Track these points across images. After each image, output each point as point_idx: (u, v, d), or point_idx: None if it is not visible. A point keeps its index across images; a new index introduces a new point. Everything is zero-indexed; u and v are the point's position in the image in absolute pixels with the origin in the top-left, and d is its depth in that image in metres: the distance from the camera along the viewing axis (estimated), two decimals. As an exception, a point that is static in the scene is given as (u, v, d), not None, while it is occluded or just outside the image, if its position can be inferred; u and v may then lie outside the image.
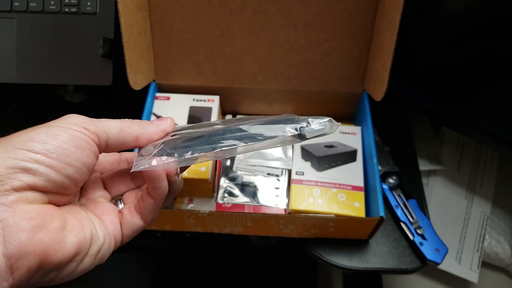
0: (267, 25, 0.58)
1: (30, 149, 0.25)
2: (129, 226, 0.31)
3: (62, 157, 0.26)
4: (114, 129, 0.30)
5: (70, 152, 0.26)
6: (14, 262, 0.23)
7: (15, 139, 0.25)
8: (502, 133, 0.57)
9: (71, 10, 0.63)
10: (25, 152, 0.24)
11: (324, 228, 0.54)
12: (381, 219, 0.50)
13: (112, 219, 0.31)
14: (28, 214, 0.24)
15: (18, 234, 0.23)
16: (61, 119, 0.28)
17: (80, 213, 0.29)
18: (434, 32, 0.58)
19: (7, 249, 0.22)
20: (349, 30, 0.58)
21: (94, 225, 0.29)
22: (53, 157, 0.25)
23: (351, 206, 0.53)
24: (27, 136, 0.25)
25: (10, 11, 0.64)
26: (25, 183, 0.24)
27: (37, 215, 0.24)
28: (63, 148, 0.26)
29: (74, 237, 0.26)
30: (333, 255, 0.56)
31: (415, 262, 0.56)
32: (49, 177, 0.25)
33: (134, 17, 0.54)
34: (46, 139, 0.26)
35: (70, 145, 0.26)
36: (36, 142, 0.25)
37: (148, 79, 0.61)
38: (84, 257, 0.27)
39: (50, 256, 0.24)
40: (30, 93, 0.68)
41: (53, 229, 0.25)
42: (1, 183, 0.23)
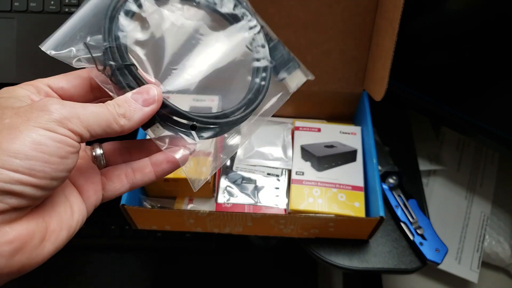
0: (267, 25, 0.58)
1: (14, 169, 0.23)
2: (113, 193, 0.32)
3: (48, 173, 0.24)
4: (99, 128, 0.27)
5: (56, 165, 0.25)
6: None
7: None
8: (502, 133, 0.57)
9: (71, 10, 0.63)
10: (9, 173, 0.23)
11: (324, 228, 0.54)
12: (381, 219, 0.50)
13: (95, 188, 0.31)
14: (8, 237, 0.24)
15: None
16: (41, 112, 0.25)
17: (60, 208, 0.28)
18: (434, 32, 0.58)
19: None
20: (349, 30, 0.58)
21: (73, 215, 0.28)
22: (39, 176, 0.24)
23: (351, 206, 0.53)
24: (9, 149, 0.23)
25: (10, 11, 0.64)
26: (9, 206, 0.23)
27: (18, 237, 0.24)
28: (49, 163, 0.24)
29: (51, 246, 0.26)
30: (333, 255, 0.56)
31: (415, 262, 0.56)
32: (35, 196, 0.24)
33: (134, 17, 0.54)
34: (30, 154, 0.23)
35: (57, 157, 0.25)
36: (19, 160, 0.23)
37: (148, 79, 0.61)
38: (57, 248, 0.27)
39: (25, 268, 0.25)
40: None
41: (32, 247, 0.25)
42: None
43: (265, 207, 0.55)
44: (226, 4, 0.34)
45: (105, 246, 0.72)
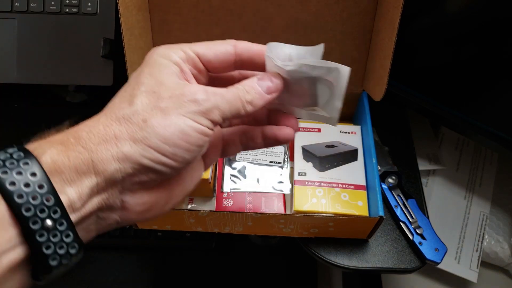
0: (267, 26, 0.58)
1: (162, 152, 0.27)
2: (228, 155, 0.36)
3: (186, 159, 0.28)
4: (230, 115, 0.29)
5: (194, 152, 0.28)
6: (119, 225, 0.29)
7: (149, 136, 0.26)
8: (501, 133, 0.57)
9: (72, 11, 0.63)
10: (157, 155, 0.26)
11: (323, 228, 0.54)
12: (381, 219, 0.50)
13: (216, 152, 0.35)
14: (142, 199, 0.28)
15: (131, 215, 0.28)
16: (190, 103, 0.27)
17: (185, 179, 0.31)
18: (434, 33, 0.58)
19: (120, 221, 0.29)
20: (349, 30, 0.58)
21: (192, 181, 0.32)
22: (178, 161, 0.27)
23: (354, 205, 0.53)
24: (163, 135, 0.26)
25: (10, 12, 0.64)
26: (149, 179, 0.27)
27: (148, 201, 0.29)
28: (189, 150, 0.28)
29: (170, 206, 0.31)
30: (333, 254, 0.56)
31: (414, 261, 0.56)
32: (171, 174, 0.28)
33: (134, 18, 0.55)
34: (177, 143, 0.27)
35: (196, 146, 0.28)
36: (168, 145, 0.26)
37: (149, 79, 0.61)
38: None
39: (148, 219, 0.31)
40: (30, 93, 0.68)
41: (157, 208, 0.30)
42: (132, 176, 0.27)
43: (269, 193, 0.56)
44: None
45: (106, 245, 0.72)
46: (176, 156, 0.27)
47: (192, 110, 0.27)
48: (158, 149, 0.26)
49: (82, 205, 0.25)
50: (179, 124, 0.27)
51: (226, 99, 0.29)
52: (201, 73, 0.32)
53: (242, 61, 0.32)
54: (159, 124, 0.26)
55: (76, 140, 0.26)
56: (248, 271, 0.93)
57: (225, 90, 0.29)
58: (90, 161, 0.25)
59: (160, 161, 0.27)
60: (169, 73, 0.29)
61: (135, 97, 0.27)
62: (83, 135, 0.26)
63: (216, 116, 0.28)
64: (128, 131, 0.26)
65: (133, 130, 0.26)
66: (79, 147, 0.26)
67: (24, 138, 0.28)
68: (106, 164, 0.26)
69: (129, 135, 0.26)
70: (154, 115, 0.27)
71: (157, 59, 0.29)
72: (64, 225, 0.24)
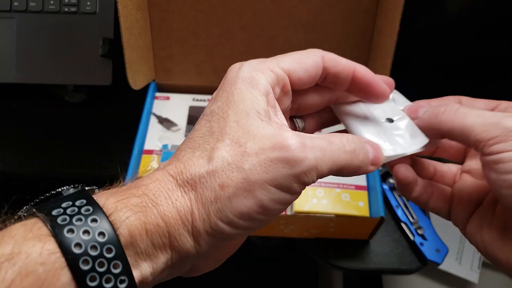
0: (267, 25, 0.58)
1: (235, 226, 0.23)
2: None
3: (259, 227, 0.24)
4: (329, 170, 0.24)
5: (269, 220, 0.24)
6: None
7: (223, 208, 0.23)
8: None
9: (71, 10, 0.63)
10: (230, 229, 0.23)
11: (324, 228, 0.54)
12: (382, 219, 0.50)
13: None
14: (212, 260, 0.27)
15: (200, 271, 0.27)
16: (281, 164, 0.22)
17: None
18: (434, 33, 0.58)
19: (185, 275, 0.27)
20: (350, 30, 0.57)
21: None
22: (251, 230, 0.24)
23: (355, 205, 0.53)
24: (236, 207, 0.23)
25: (9, 11, 0.63)
26: (222, 244, 0.25)
27: (217, 259, 0.28)
28: (265, 222, 0.24)
29: (232, 252, 0.29)
30: (333, 255, 0.56)
31: (415, 262, 0.56)
32: (240, 238, 0.27)
33: (134, 17, 0.54)
34: (253, 217, 0.23)
35: (272, 216, 0.24)
36: (242, 221, 0.23)
37: (148, 79, 0.61)
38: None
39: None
40: (29, 93, 0.68)
41: (222, 260, 0.28)
42: (206, 246, 0.24)
43: None
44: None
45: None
46: (249, 228, 0.23)
47: (282, 175, 0.22)
48: (231, 224, 0.23)
49: (153, 279, 0.23)
50: (259, 197, 0.22)
51: (328, 155, 0.23)
52: (286, 94, 0.27)
53: (327, 75, 0.27)
54: (236, 193, 0.22)
55: (155, 206, 0.22)
56: (248, 272, 0.93)
57: (327, 142, 0.23)
58: (167, 236, 0.22)
59: (232, 233, 0.23)
60: (256, 113, 0.24)
61: (216, 151, 0.23)
62: (161, 202, 0.22)
63: (312, 178, 0.23)
64: (202, 202, 0.23)
65: (207, 200, 0.22)
66: (158, 219, 0.22)
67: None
68: (182, 242, 0.23)
69: (202, 207, 0.23)
70: (234, 179, 0.22)
71: (242, 89, 0.24)
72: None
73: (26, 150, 0.63)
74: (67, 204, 0.21)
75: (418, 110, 0.28)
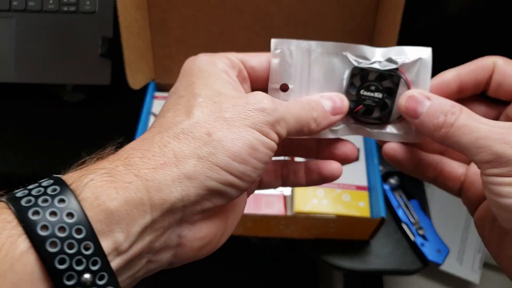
0: (267, 24, 0.58)
1: (230, 171, 0.23)
2: (266, 186, 0.31)
3: (253, 178, 0.24)
4: (294, 131, 0.26)
5: (260, 170, 0.24)
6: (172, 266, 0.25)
7: (216, 151, 0.22)
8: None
9: (70, 9, 0.63)
10: (225, 175, 0.23)
11: (324, 229, 0.53)
12: (382, 220, 0.49)
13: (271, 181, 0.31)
14: (201, 233, 0.24)
15: (187, 252, 0.24)
16: (257, 112, 0.24)
17: (239, 203, 0.28)
18: (435, 33, 0.57)
19: (174, 260, 0.24)
20: (350, 29, 0.57)
21: (243, 207, 0.29)
22: (246, 180, 0.23)
23: (356, 206, 0.53)
24: (231, 149, 0.23)
25: (8, 10, 0.63)
26: (213, 205, 0.23)
27: (208, 234, 0.25)
28: (257, 168, 0.24)
29: (225, 238, 0.27)
30: (334, 256, 0.56)
31: (416, 263, 0.55)
32: (235, 197, 0.24)
33: (133, 16, 0.54)
34: (246, 159, 0.23)
35: (262, 163, 0.24)
36: (237, 163, 0.23)
37: (147, 78, 0.61)
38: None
39: (204, 256, 0.26)
40: (28, 93, 0.68)
41: (214, 242, 0.26)
42: (195, 203, 0.22)
43: (270, 195, 0.55)
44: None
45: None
46: (245, 175, 0.23)
47: (260, 121, 0.24)
48: (227, 168, 0.22)
49: (130, 246, 0.21)
50: (247, 137, 0.23)
51: (293, 111, 0.25)
52: (245, 81, 0.28)
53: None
54: (226, 137, 0.23)
55: (127, 167, 0.22)
56: (248, 273, 0.93)
57: (291, 102, 0.26)
58: (145, 191, 0.21)
59: (228, 182, 0.23)
60: (223, 82, 0.25)
61: (194, 108, 0.24)
62: (135, 161, 0.22)
63: (283, 129, 0.25)
64: (190, 148, 0.22)
65: (196, 145, 0.22)
66: (130, 176, 0.21)
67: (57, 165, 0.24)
68: (164, 193, 0.21)
69: (191, 152, 0.22)
70: (219, 127, 0.23)
71: (202, 67, 0.26)
72: (105, 278, 0.20)
73: (25, 150, 0.63)
74: (34, 186, 0.21)
75: (418, 109, 0.26)
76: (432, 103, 0.26)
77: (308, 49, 0.27)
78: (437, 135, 0.25)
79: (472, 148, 0.24)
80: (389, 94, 0.27)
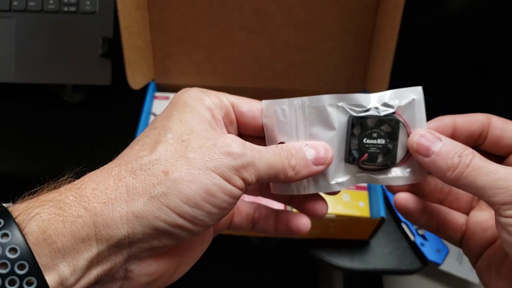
0: (267, 24, 0.58)
1: (180, 214, 0.22)
2: (236, 227, 0.30)
3: (206, 223, 0.23)
4: (267, 177, 0.25)
5: (216, 216, 0.23)
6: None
7: (169, 192, 0.22)
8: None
9: (70, 10, 0.63)
10: (175, 217, 0.22)
11: (324, 229, 0.53)
12: (382, 220, 0.49)
13: (227, 218, 0.30)
14: (150, 269, 0.24)
15: (135, 286, 0.24)
16: (223, 156, 0.23)
17: (196, 244, 0.28)
18: (435, 32, 0.57)
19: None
20: (350, 29, 0.57)
21: (202, 247, 0.28)
22: (197, 224, 0.23)
23: (355, 206, 0.53)
24: (184, 192, 0.22)
25: (9, 11, 0.63)
26: (162, 244, 0.23)
27: (157, 271, 0.24)
28: (211, 214, 0.23)
29: (177, 276, 0.26)
30: (334, 255, 0.56)
31: (416, 262, 0.55)
32: (186, 239, 0.23)
33: (133, 16, 0.54)
34: (199, 204, 0.22)
35: (219, 209, 0.23)
36: (189, 206, 0.22)
37: (147, 78, 0.61)
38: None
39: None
40: (28, 93, 0.68)
41: (164, 279, 0.25)
42: (142, 241, 0.22)
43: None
44: None
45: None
46: (196, 219, 0.22)
47: (224, 165, 0.23)
48: (177, 210, 0.22)
49: (76, 280, 0.21)
50: (205, 181, 0.22)
51: (265, 157, 0.24)
52: (232, 124, 0.28)
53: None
54: (182, 178, 0.22)
55: (77, 199, 0.21)
56: (248, 273, 0.93)
57: (265, 148, 0.25)
58: (92, 226, 0.21)
59: (177, 224, 0.22)
60: (201, 120, 0.25)
61: (159, 144, 0.23)
62: (87, 193, 0.21)
63: (250, 175, 0.24)
64: (144, 185, 0.22)
65: (150, 183, 0.22)
66: (79, 209, 0.21)
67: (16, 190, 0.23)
68: (111, 229, 0.21)
69: (144, 190, 0.22)
70: (178, 166, 0.22)
71: (188, 101, 0.25)
72: None
73: (25, 150, 0.63)
74: None
75: (430, 147, 0.26)
76: (445, 143, 0.25)
77: (301, 105, 0.27)
78: (450, 175, 0.25)
79: (490, 189, 0.23)
80: (390, 139, 0.27)
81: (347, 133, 0.27)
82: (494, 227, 0.27)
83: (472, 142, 0.28)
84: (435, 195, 0.30)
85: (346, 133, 0.27)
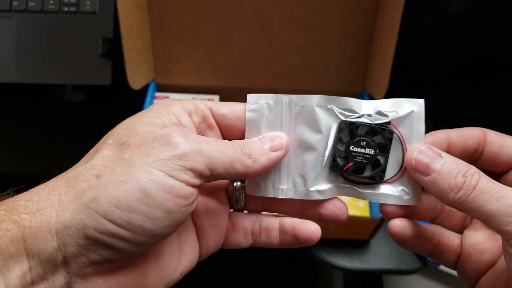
0: (267, 24, 0.58)
1: (112, 220, 0.19)
2: (233, 245, 0.28)
3: (148, 230, 0.20)
4: (221, 167, 0.22)
5: (159, 221, 0.20)
6: None
7: (98, 195, 0.20)
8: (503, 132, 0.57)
9: (70, 10, 0.63)
10: (106, 223, 0.19)
11: (324, 229, 0.53)
12: (382, 220, 0.49)
13: (218, 236, 0.27)
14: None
15: None
16: (162, 147, 0.21)
17: (165, 260, 0.24)
18: (435, 32, 0.57)
19: None
20: (350, 29, 0.57)
21: (178, 267, 0.25)
22: (136, 232, 0.20)
23: (355, 206, 0.53)
24: (114, 194, 0.20)
25: (9, 11, 0.63)
26: (102, 257, 0.20)
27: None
28: (151, 218, 0.20)
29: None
30: (334, 255, 0.56)
31: (416, 262, 0.55)
32: (130, 251, 0.21)
33: (133, 17, 0.54)
34: (132, 206, 0.20)
35: (162, 211, 0.20)
36: (120, 210, 0.19)
37: (148, 78, 0.61)
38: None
39: None
40: (29, 93, 0.68)
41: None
42: (79, 254, 0.20)
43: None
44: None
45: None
46: (132, 225, 0.20)
47: (163, 157, 0.20)
48: (106, 215, 0.19)
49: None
50: (138, 178, 0.20)
51: (215, 145, 0.22)
52: (212, 129, 0.26)
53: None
54: (113, 179, 0.20)
55: (8, 211, 0.19)
56: (248, 273, 0.93)
57: (214, 139, 0.23)
58: (21, 240, 0.19)
59: (110, 232, 0.20)
60: (151, 122, 0.23)
61: (98, 151, 0.22)
62: (19, 205, 0.20)
63: (199, 163, 0.21)
64: (75, 192, 0.20)
65: (81, 189, 0.20)
66: (8, 222, 0.19)
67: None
68: (40, 242, 0.19)
69: (74, 197, 0.20)
70: (112, 168, 0.20)
71: (151, 108, 0.24)
72: None
73: (25, 150, 0.63)
74: None
75: (431, 165, 0.23)
76: (447, 161, 0.23)
77: (289, 102, 0.25)
78: (453, 197, 0.22)
79: (500, 216, 0.21)
80: (381, 150, 0.25)
81: (334, 138, 0.25)
82: (491, 249, 0.26)
83: (467, 158, 0.25)
84: (427, 213, 0.28)
85: (334, 138, 0.25)
